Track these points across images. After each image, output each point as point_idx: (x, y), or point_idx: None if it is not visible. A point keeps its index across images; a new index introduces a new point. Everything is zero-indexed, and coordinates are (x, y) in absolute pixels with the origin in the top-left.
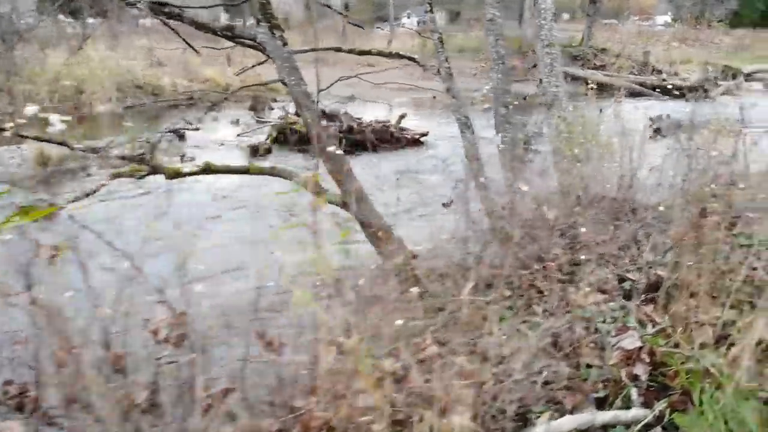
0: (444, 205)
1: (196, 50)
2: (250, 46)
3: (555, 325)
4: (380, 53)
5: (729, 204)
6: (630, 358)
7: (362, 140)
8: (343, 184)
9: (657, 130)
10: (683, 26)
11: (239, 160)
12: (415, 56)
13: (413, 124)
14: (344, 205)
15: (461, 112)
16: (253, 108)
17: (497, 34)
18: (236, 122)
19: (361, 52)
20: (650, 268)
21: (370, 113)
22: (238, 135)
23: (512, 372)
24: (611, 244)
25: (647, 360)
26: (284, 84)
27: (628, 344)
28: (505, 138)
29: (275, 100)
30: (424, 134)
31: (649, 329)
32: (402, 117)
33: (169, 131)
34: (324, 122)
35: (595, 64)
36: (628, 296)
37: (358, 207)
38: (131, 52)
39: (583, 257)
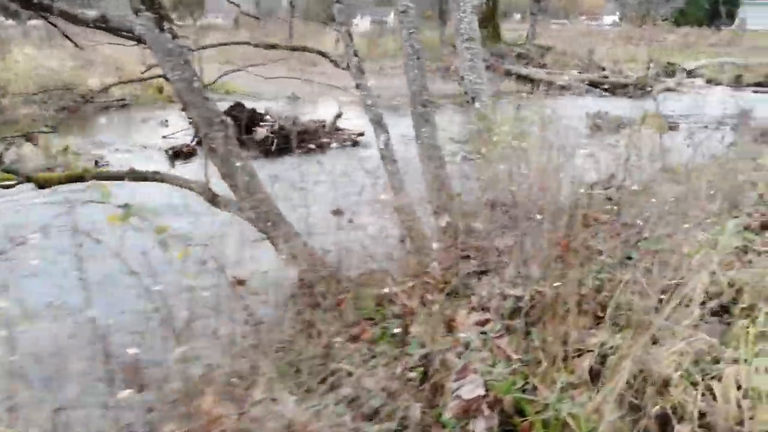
0: (333, 213)
1: (77, 44)
2: (128, 38)
3: (414, 359)
4: (288, 47)
5: (617, 210)
6: (469, 410)
7: (296, 141)
8: (238, 190)
9: (595, 127)
10: (629, 25)
11: (160, 164)
12: (325, 51)
13: (355, 123)
14: (239, 212)
15: (373, 111)
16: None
17: (411, 27)
18: (165, 123)
19: (267, 46)
20: (528, 283)
21: (319, 113)
22: (164, 137)
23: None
24: (504, 254)
25: (492, 411)
26: (166, 79)
27: (468, 392)
28: (424, 138)
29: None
30: (361, 134)
31: (501, 368)
32: (338, 116)
33: (20, 135)
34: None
35: (539, 62)
36: (512, 316)
37: (258, 214)
38: (61, 52)
39: (473, 269)
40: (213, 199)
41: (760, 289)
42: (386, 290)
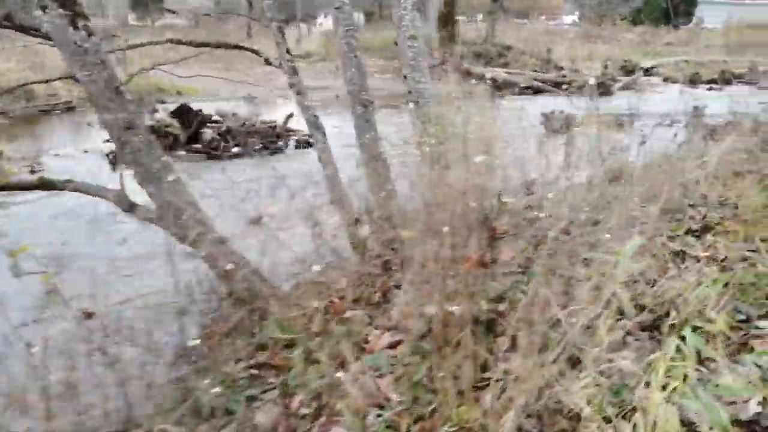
0: (252, 222)
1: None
2: (36, 36)
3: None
4: (219, 45)
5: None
6: None
7: (244, 143)
8: (155, 197)
9: (548, 125)
10: (588, 25)
11: (100, 169)
12: (256, 48)
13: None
14: (159, 221)
15: (309, 112)
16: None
17: (347, 24)
18: None
19: (199, 44)
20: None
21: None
22: (105, 141)
23: None
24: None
25: None
26: (76, 80)
27: None
28: (365, 140)
29: (163, 101)
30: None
31: (373, 416)
32: (289, 117)
33: None
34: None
35: (498, 62)
36: (423, 337)
37: (178, 224)
38: (11, 54)
39: (393, 283)
40: (131, 209)
41: (693, 302)
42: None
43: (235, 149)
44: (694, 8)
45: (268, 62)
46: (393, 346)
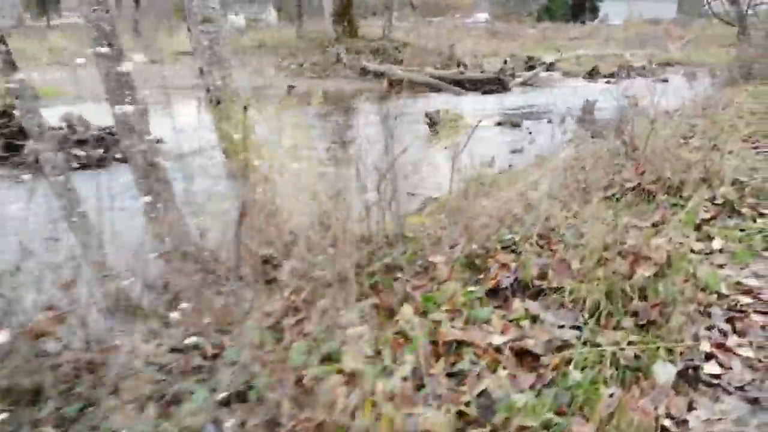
0: None
1: None
2: None
3: None
4: None
5: None
6: None
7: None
8: None
9: (432, 125)
10: (498, 22)
11: None
12: None
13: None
14: None
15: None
16: None
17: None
18: None
19: None
20: None
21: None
22: None
23: None
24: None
25: None
26: None
27: None
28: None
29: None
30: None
31: None
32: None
33: None
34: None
35: (395, 58)
36: None
37: None
38: None
39: None
40: None
41: None
42: None
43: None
44: (599, 4)
45: None
46: None
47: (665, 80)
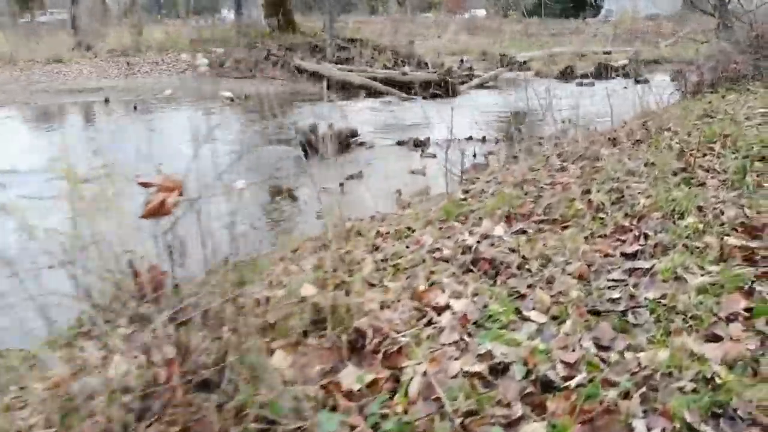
0: None
1: None
2: None
3: None
4: None
5: None
6: None
7: None
8: None
9: (311, 149)
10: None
11: None
12: None
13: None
14: None
15: None
16: None
17: None
18: None
19: None
20: None
21: None
22: None
23: None
24: None
25: None
26: None
27: None
28: None
29: None
30: None
31: None
32: None
33: None
34: None
35: (338, 56)
36: None
37: None
38: None
39: None
40: None
41: None
42: None
43: None
44: (603, 2)
45: None
46: None
47: (646, 81)
